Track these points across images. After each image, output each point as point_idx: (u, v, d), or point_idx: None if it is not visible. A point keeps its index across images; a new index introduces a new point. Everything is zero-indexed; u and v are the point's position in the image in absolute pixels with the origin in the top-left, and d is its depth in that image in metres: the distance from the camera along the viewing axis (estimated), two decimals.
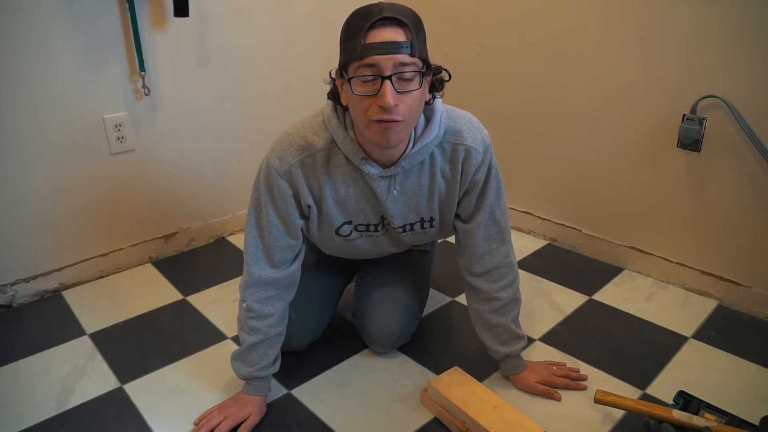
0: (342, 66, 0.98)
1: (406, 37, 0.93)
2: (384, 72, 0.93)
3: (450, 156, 1.12)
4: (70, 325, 1.51)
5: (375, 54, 0.92)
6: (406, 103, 0.96)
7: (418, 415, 1.20)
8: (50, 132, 1.54)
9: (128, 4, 1.55)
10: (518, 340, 1.26)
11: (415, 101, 0.97)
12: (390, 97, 0.92)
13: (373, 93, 0.94)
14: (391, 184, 1.10)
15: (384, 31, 0.92)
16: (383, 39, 0.92)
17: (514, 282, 1.24)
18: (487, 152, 1.13)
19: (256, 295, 1.16)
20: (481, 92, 1.99)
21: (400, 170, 1.09)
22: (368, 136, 1.00)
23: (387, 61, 0.92)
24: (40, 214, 1.59)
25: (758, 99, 1.40)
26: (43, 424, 1.19)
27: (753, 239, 1.50)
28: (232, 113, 1.88)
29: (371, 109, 0.95)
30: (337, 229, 1.18)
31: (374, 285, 1.38)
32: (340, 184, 1.11)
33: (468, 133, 1.11)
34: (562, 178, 1.87)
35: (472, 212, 1.18)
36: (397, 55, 0.92)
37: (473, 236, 1.19)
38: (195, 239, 1.93)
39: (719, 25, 1.41)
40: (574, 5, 1.67)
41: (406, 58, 0.93)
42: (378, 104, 0.94)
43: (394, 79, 0.93)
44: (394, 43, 0.92)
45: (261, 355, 1.18)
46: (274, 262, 1.15)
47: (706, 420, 1.04)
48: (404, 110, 0.96)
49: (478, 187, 1.15)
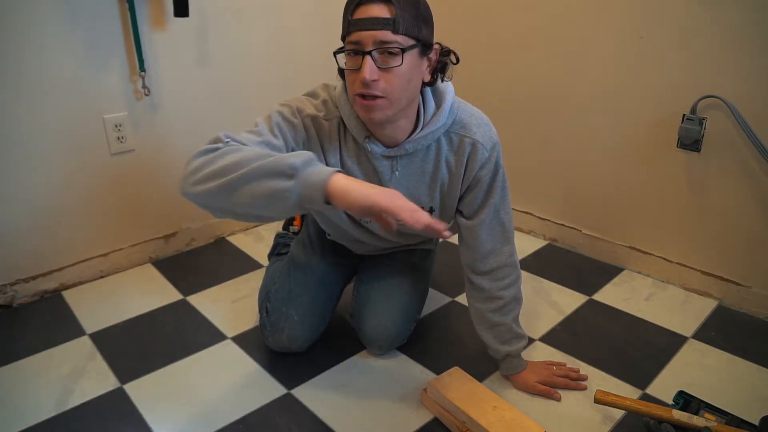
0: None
1: (390, 14, 0.94)
2: (365, 47, 0.95)
3: (456, 147, 1.13)
4: (70, 325, 1.51)
5: (357, 30, 0.95)
6: (388, 80, 0.97)
7: (418, 415, 1.20)
8: (50, 132, 1.54)
9: (128, 4, 1.55)
10: (519, 339, 1.26)
11: (400, 78, 0.98)
12: (367, 72, 0.95)
13: (356, 68, 0.97)
14: (393, 166, 1.12)
15: (370, 8, 0.95)
16: (366, 15, 0.95)
17: (517, 281, 1.25)
18: (494, 150, 1.15)
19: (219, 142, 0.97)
20: (480, 92, 1.98)
21: (403, 152, 1.10)
22: (357, 111, 1.03)
23: (368, 37, 0.94)
24: (40, 214, 1.59)
25: (758, 99, 1.40)
26: (43, 424, 1.19)
27: (753, 239, 1.50)
28: (232, 113, 1.88)
29: (355, 83, 0.98)
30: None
31: (372, 286, 1.38)
32: (346, 158, 1.12)
33: (477, 128, 1.13)
34: (562, 178, 1.87)
35: (477, 209, 1.19)
36: (377, 32, 0.94)
37: (477, 234, 1.20)
38: (195, 239, 1.93)
39: (719, 25, 1.41)
40: (574, 5, 1.67)
41: (388, 35, 0.94)
42: (359, 79, 0.96)
43: (375, 55, 0.95)
44: (375, 19, 0.94)
45: (274, 152, 0.94)
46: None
47: (706, 420, 1.04)
48: (385, 87, 0.97)
49: (482, 184, 1.16)
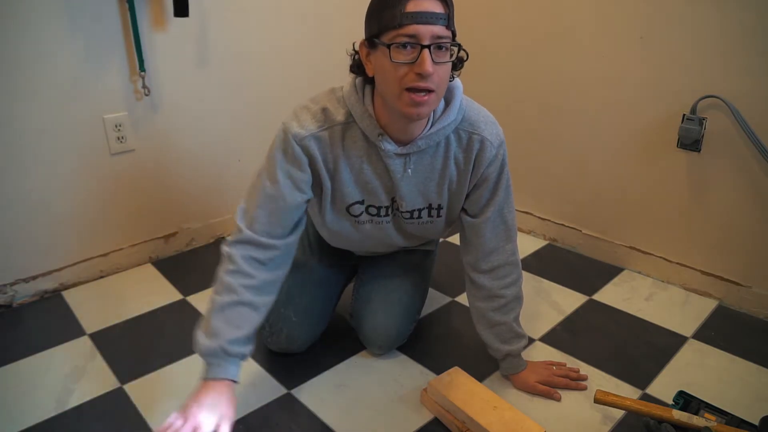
0: (374, 35, 0.99)
1: (443, 9, 0.96)
2: (423, 41, 0.95)
3: (465, 145, 1.14)
4: (70, 325, 1.51)
5: (414, 23, 0.94)
6: (439, 74, 0.98)
7: (418, 415, 1.20)
8: (50, 132, 1.54)
9: (128, 4, 1.55)
10: (519, 338, 1.26)
11: (446, 73, 1.01)
12: (429, 64, 0.95)
13: (411, 61, 0.96)
14: (406, 163, 1.12)
15: (423, 2, 0.94)
16: (423, 9, 0.94)
17: (518, 280, 1.25)
18: (501, 147, 1.16)
19: (245, 251, 1.09)
20: (480, 92, 1.97)
21: (416, 149, 1.10)
22: (398, 107, 1.01)
23: (426, 30, 0.94)
24: (40, 214, 1.59)
25: (758, 99, 1.40)
26: (43, 424, 1.18)
27: (753, 239, 1.50)
28: (232, 113, 1.88)
29: (407, 77, 0.97)
30: (349, 206, 1.17)
31: (372, 286, 1.38)
32: (355, 159, 1.12)
33: (485, 126, 1.14)
34: (562, 178, 1.87)
35: (482, 207, 1.19)
36: (435, 26, 0.95)
37: (481, 232, 1.20)
38: (195, 239, 1.93)
39: (719, 25, 1.41)
40: (575, 5, 1.67)
41: (442, 30, 0.96)
42: (415, 71, 0.96)
43: (432, 49, 0.95)
44: (433, 14, 0.94)
45: (232, 325, 1.03)
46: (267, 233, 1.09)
47: (706, 420, 1.04)
48: (437, 80, 0.98)
49: (489, 182, 1.16)
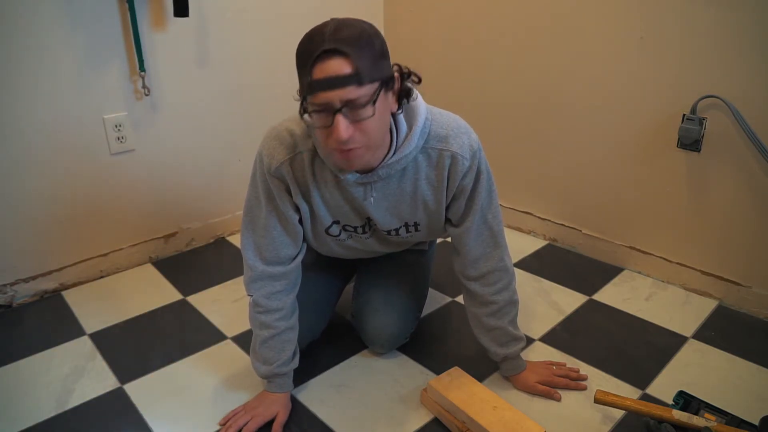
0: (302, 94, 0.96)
1: (351, 68, 0.88)
2: (334, 106, 0.90)
3: (436, 162, 1.09)
4: (70, 325, 1.51)
5: (321, 91, 0.89)
6: (363, 131, 0.94)
7: (418, 415, 1.21)
8: (50, 132, 1.54)
9: (128, 4, 1.55)
10: (517, 341, 1.26)
11: (374, 124, 0.95)
12: (342, 131, 0.91)
13: (327, 125, 0.93)
14: (367, 191, 1.10)
15: (328, 65, 0.88)
16: (327, 74, 0.88)
17: (510, 285, 1.23)
18: (474, 157, 1.10)
19: (263, 290, 1.17)
20: (480, 92, 1.99)
21: (377, 178, 1.07)
22: (332, 163, 1.03)
23: (335, 96, 0.89)
24: (40, 214, 1.59)
25: (758, 99, 1.40)
26: (43, 424, 1.19)
27: (753, 239, 1.50)
28: (232, 113, 1.88)
29: (329, 139, 0.94)
30: (327, 228, 1.18)
31: (372, 285, 1.38)
32: (323, 186, 1.11)
33: (454, 140, 1.08)
34: (562, 178, 1.87)
35: (462, 216, 1.17)
36: (344, 89, 0.89)
37: (465, 240, 1.18)
38: (195, 239, 1.93)
39: (719, 25, 1.41)
40: (574, 5, 1.67)
41: (354, 91, 0.89)
42: (333, 138, 0.93)
43: (345, 111, 0.91)
44: (338, 78, 0.88)
45: (277, 351, 1.19)
46: (276, 258, 1.16)
47: (706, 420, 1.04)
48: (361, 138, 0.94)
49: (466, 191, 1.14)
